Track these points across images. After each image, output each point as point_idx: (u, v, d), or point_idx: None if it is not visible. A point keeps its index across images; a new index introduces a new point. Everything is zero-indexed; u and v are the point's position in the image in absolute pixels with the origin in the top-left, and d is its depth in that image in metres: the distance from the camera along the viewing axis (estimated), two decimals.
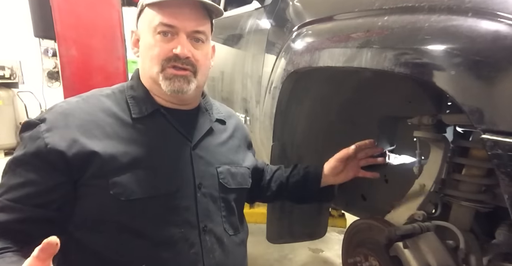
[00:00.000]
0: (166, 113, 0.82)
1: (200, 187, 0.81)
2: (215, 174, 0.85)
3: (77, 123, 0.74)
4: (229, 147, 0.93)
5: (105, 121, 0.76)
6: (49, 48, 5.49)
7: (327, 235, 1.79)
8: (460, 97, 0.62)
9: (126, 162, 0.74)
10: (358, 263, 1.03)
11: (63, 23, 2.34)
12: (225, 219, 0.86)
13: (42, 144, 0.70)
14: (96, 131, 0.74)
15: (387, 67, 0.76)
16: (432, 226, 0.89)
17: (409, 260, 0.85)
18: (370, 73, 1.02)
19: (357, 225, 1.11)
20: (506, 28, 0.57)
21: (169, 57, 0.77)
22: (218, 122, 0.94)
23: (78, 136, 0.72)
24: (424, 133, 0.95)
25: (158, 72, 0.78)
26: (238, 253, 0.90)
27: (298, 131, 1.31)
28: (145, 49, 0.80)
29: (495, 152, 0.57)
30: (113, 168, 0.72)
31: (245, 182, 0.94)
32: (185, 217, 0.79)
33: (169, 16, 0.76)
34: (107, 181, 0.72)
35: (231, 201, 0.89)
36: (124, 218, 0.73)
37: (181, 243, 0.77)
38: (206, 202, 0.82)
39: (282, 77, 1.20)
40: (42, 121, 0.74)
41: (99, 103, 0.80)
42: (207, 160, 0.85)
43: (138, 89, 0.84)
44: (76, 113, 0.75)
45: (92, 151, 0.71)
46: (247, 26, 1.63)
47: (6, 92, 5.99)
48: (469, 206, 0.88)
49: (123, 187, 0.72)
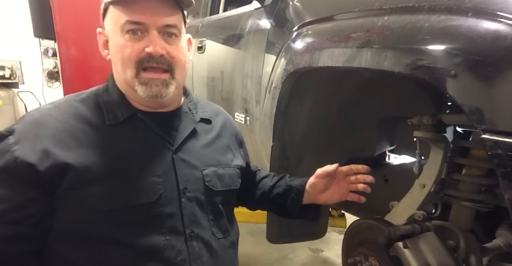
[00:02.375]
0: (144, 118, 0.77)
1: (185, 192, 0.78)
2: (200, 177, 0.81)
3: (48, 133, 0.68)
4: (216, 147, 0.89)
5: (79, 129, 0.71)
6: (49, 48, 5.50)
7: (327, 235, 1.79)
8: (460, 97, 0.62)
9: (103, 171, 0.69)
10: (358, 263, 1.03)
11: (63, 23, 2.34)
12: (212, 222, 0.83)
13: (11, 157, 0.66)
14: (69, 140, 0.69)
15: (387, 67, 0.76)
16: (432, 226, 0.89)
17: (409, 260, 0.85)
18: (370, 73, 1.02)
19: (357, 225, 1.11)
20: (506, 28, 0.57)
21: (142, 58, 0.72)
22: (203, 122, 0.89)
23: (50, 146, 0.67)
24: (424, 133, 0.95)
25: (132, 77, 0.73)
26: (228, 256, 0.87)
27: (298, 131, 1.31)
28: (115, 51, 0.74)
29: (495, 152, 0.57)
30: (89, 179, 0.68)
31: (233, 183, 0.90)
32: (170, 224, 0.75)
33: (136, 13, 0.70)
34: (83, 193, 0.67)
35: (218, 204, 0.85)
36: (105, 229, 0.70)
37: (167, 251, 0.74)
38: (191, 207, 0.78)
39: (282, 77, 1.20)
40: (10, 133, 0.69)
41: (72, 109, 0.74)
42: (191, 163, 0.80)
43: (113, 93, 0.78)
44: (47, 122, 0.70)
45: (66, 162, 0.67)
46: (247, 26, 1.63)
47: (6, 92, 5.99)
48: (469, 206, 0.88)
49: (101, 198, 0.68)
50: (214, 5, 2.33)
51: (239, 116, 1.69)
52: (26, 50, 5.76)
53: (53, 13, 2.32)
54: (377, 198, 1.42)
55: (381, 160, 1.57)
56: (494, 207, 0.89)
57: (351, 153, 1.42)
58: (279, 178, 1.04)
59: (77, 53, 2.41)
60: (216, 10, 2.30)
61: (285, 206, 0.99)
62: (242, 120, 1.66)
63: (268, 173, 1.09)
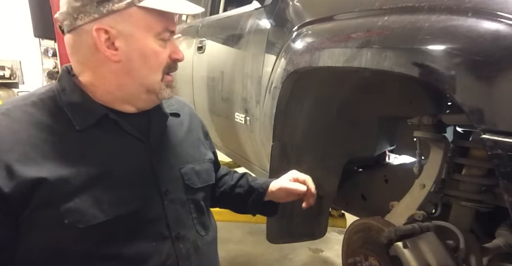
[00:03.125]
0: (117, 118, 0.71)
1: (167, 194, 0.75)
2: (179, 176, 0.79)
3: (6, 148, 0.59)
4: (190, 142, 0.86)
5: (40, 139, 0.63)
6: (49, 48, 5.50)
7: (327, 235, 1.78)
8: (460, 97, 0.62)
9: (78, 183, 0.62)
10: (358, 263, 1.03)
11: None
12: (196, 220, 0.82)
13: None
14: (32, 153, 0.61)
15: (387, 67, 0.76)
16: (432, 226, 0.89)
17: (409, 260, 0.85)
18: (370, 73, 1.02)
19: (357, 225, 1.11)
20: (506, 28, 0.57)
21: (169, 63, 0.72)
22: (173, 116, 0.84)
23: (11, 163, 0.58)
24: (424, 133, 0.95)
25: (159, 81, 0.72)
26: (212, 252, 0.87)
27: (298, 131, 1.31)
28: (142, 56, 0.69)
29: (495, 152, 0.57)
30: (63, 193, 0.61)
31: (210, 177, 0.88)
32: (155, 229, 0.72)
33: (171, 22, 0.71)
34: (58, 210, 0.60)
35: (200, 201, 0.84)
36: (86, 245, 0.64)
37: (155, 256, 0.71)
38: (174, 208, 0.76)
39: (282, 77, 1.20)
40: None
41: (26, 116, 0.64)
42: (168, 162, 0.77)
43: (74, 94, 0.68)
44: (1, 135, 0.60)
45: (34, 178, 0.59)
46: (247, 26, 1.63)
47: (6, 92, 5.99)
48: (469, 206, 0.89)
49: (79, 213, 0.62)
50: (214, 5, 2.33)
51: (239, 116, 1.69)
52: (26, 50, 5.77)
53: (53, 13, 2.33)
54: (377, 198, 1.42)
55: (381, 160, 1.57)
56: (494, 207, 0.89)
57: (351, 153, 1.42)
58: (240, 177, 1.02)
59: None
60: (216, 10, 2.30)
61: (245, 206, 0.99)
62: (242, 120, 1.66)
63: (228, 170, 1.06)
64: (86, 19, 0.65)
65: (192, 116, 0.92)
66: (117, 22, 0.66)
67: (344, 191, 1.53)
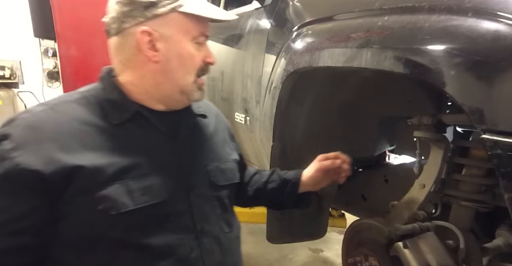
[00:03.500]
0: (149, 115, 0.76)
1: (193, 188, 0.79)
2: (205, 172, 0.83)
3: (50, 137, 0.65)
4: (215, 142, 0.90)
5: (82, 131, 0.69)
6: (49, 48, 5.49)
7: (327, 235, 1.78)
8: (460, 97, 0.62)
9: (112, 173, 0.67)
10: (358, 263, 1.03)
11: (63, 23, 2.34)
12: (220, 217, 0.84)
13: (11, 165, 0.62)
14: (73, 144, 0.66)
15: (387, 67, 0.76)
16: (432, 226, 0.89)
17: (409, 260, 0.85)
18: (370, 73, 1.02)
19: (357, 225, 1.11)
20: (506, 28, 0.57)
21: (202, 66, 0.78)
22: (200, 117, 0.89)
23: (54, 151, 0.64)
24: (424, 133, 0.95)
25: (192, 83, 0.77)
26: (235, 250, 0.89)
27: (298, 131, 1.31)
28: (179, 58, 0.74)
29: (495, 152, 0.57)
30: (99, 181, 0.66)
31: (234, 177, 0.92)
32: (181, 222, 0.76)
33: (207, 27, 0.77)
34: (93, 196, 0.65)
35: (224, 198, 0.86)
36: (116, 232, 0.68)
37: (180, 249, 0.74)
38: (200, 203, 0.79)
39: (282, 77, 1.20)
40: (5, 138, 0.64)
41: (71, 110, 0.71)
42: (195, 159, 0.82)
43: (112, 92, 0.75)
44: (46, 126, 0.67)
45: (73, 166, 0.64)
46: (247, 26, 1.63)
47: (6, 92, 5.99)
48: (469, 206, 0.89)
49: (112, 201, 0.66)
50: None
51: (239, 116, 1.69)
52: (26, 50, 5.76)
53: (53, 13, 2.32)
54: (377, 198, 1.42)
55: (381, 160, 1.57)
56: (494, 207, 0.89)
57: (351, 153, 1.42)
58: (270, 173, 1.06)
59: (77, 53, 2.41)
60: None
61: (280, 200, 1.03)
62: (242, 120, 1.67)
63: (257, 170, 1.10)
64: (132, 23, 0.71)
65: (218, 119, 0.98)
66: (160, 26, 0.72)
67: (344, 191, 1.53)
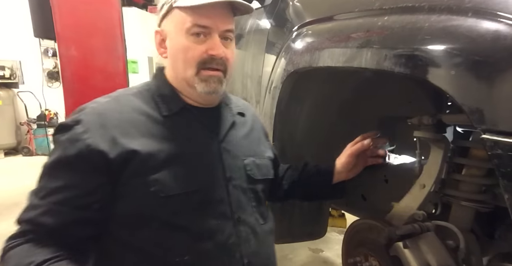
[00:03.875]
0: (193, 110, 0.85)
1: (230, 180, 0.84)
2: (242, 166, 0.88)
3: (114, 123, 0.75)
4: (252, 139, 0.96)
5: (139, 120, 0.78)
6: (49, 48, 5.50)
7: (327, 235, 1.79)
8: (460, 97, 0.62)
9: (162, 159, 0.75)
10: (358, 263, 1.03)
11: (63, 23, 2.34)
12: (255, 209, 0.89)
13: (83, 145, 0.71)
14: (132, 130, 0.76)
15: (387, 67, 0.76)
16: (432, 226, 0.89)
17: (409, 260, 0.85)
18: (370, 73, 1.02)
19: (357, 225, 1.11)
20: (506, 28, 0.57)
21: (204, 59, 0.78)
22: (239, 115, 0.96)
23: (117, 135, 0.73)
24: (424, 133, 0.95)
25: (193, 75, 0.80)
26: (269, 242, 0.93)
27: (298, 131, 1.31)
28: (177, 51, 0.80)
29: (495, 152, 0.57)
30: (151, 166, 0.74)
31: (269, 172, 0.97)
32: (220, 209, 0.81)
33: (203, 17, 0.77)
34: (147, 179, 0.73)
35: (259, 192, 0.91)
36: (164, 213, 0.75)
37: (219, 234, 0.80)
38: (237, 194, 0.85)
39: (282, 77, 1.20)
40: (77, 123, 0.74)
41: (130, 102, 0.81)
42: (233, 153, 0.87)
43: (164, 88, 0.85)
44: (109, 113, 0.76)
45: (132, 149, 0.73)
46: (247, 26, 1.63)
47: (6, 92, 6.00)
48: (469, 206, 0.88)
49: (162, 184, 0.74)
50: None
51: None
52: (26, 50, 5.77)
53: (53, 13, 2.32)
54: (377, 198, 1.42)
55: None
56: (494, 207, 0.89)
57: None
58: (303, 166, 1.10)
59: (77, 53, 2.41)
60: None
61: (315, 191, 1.08)
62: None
63: (289, 165, 1.14)
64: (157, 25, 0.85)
65: (254, 118, 1.04)
66: (165, 25, 0.83)
67: None
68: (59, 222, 0.71)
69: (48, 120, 6.11)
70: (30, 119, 6.25)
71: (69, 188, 0.72)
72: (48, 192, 0.72)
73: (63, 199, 0.71)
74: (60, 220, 0.71)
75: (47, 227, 0.70)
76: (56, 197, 0.71)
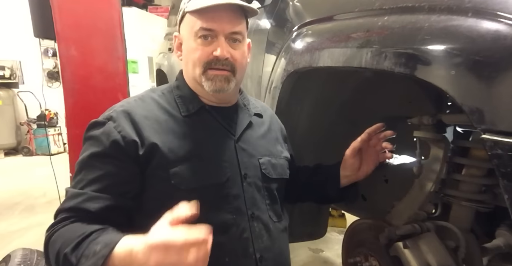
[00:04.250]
0: (211, 110, 0.89)
1: (246, 177, 0.88)
2: (257, 164, 0.91)
3: (140, 120, 0.81)
4: (268, 139, 0.98)
5: (161, 118, 0.84)
6: (49, 48, 5.51)
7: (327, 235, 1.79)
8: (460, 97, 0.62)
9: (182, 154, 0.81)
10: (358, 263, 1.03)
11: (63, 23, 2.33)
12: (269, 206, 0.92)
13: (118, 137, 0.77)
14: (155, 126, 0.82)
15: (387, 67, 0.76)
16: (432, 226, 0.89)
17: (409, 260, 0.85)
18: (370, 73, 1.02)
19: (357, 225, 1.11)
20: (506, 28, 0.57)
21: (210, 60, 0.83)
22: (256, 116, 0.99)
23: (143, 130, 0.80)
24: (424, 133, 0.95)
25: (200, 75, 0.85)
26: (282, 239, 0.95)
27: (298, 131, 1.31)
28: (188, 53, 0.87)
29: (495, 152, 0.57)
30: (172, 160, 0.79)
31: (284, 172, 0.98)
32: (236, 204, 0.85)
33: (208, 21, 0.82)
34: (168, 172, 0.78)
35: (273, 190, 0.94)
36: None
37: (234, 228, 0.83)
38: (252, 191, 0.88)
39: (282, 77, 1.20)
40: (110, 119, 0.81)
41: (154, 102, 0.88)
42: (249, 152, 0.91)
43: (184, 90, 0.91)
44: (136, 111, 0.83)
45: (155, 143, 0.79)
46: None
47: (6, 92, 5.99)
48: (469, 206, 0.89)
49: (182, 177, 0.79)
50: None
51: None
52: (26, 50, 5.77)
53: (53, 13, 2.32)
54: (377, 198, 1.42)
55: None
56: (494, 207, 0.89)
57: None
58: (313, 168, 1.10)
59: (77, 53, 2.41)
60: None
61: (326, 193, 1.06)
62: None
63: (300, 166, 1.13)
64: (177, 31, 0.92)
65: (272, 120, 1.07)
66: (181, 29, 0.90)
67: None
68: (101, 207, 0.74)
69: (48, 120, 6.11)
70: (30, 119, 6.25)
71: (107, 176, 0.77)
72: (87, 183, 0.76)
73: (103, 187, 0.76)
74: (102, 205, 0.75)
75: (89, 212, 0.74)
76: (96, 185, 0.76)
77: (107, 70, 2.47)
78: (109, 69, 2.48)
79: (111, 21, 2.45)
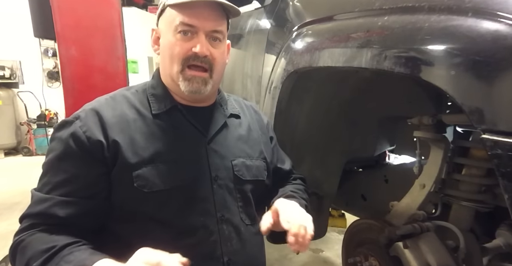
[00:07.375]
0: (183, 110, 0.86)
1: (216, 179, 0.85)
2: (230, 166, 0.88)
3: (108, 119, 0.79)
4: (245, 141, 0.95)
5: (130, 117, 0.82)
6: (49, 48, 5.50)
7: (327, 235, 1.79)
8: (460, 97, 0.62)
9: (147, 156, 0.78)
10: (358, 263, 1.03)
11: (63, 23, 2.33)
12: (241, 209, 0.89)
13: (84, 137, 0.75)
14: (122, 126, 0.80)
15: (387, 67, 0.76)
16: (432, 226, 0.89)
17: (409, 260, 0.85)
18: (370, 73, 1.02)
19: (357, 225, 1.11)
20: (506, 28, 0.57)
21: (188, 56, 0.80)
22: (233, 117, 0.96)
23: (109, 130, 0.78)
24: (424, 133, 0.95)
25: (178, 72, 0.82)
26: (255, 242, 0.92)
27: (298, 131, 1.31)
28: (166, 48, 0.83)
29: (495, 152, 0.57)
30: (136, 162, 0.77)
31: (260, 174, 0.95)
32: (204, 206, 0.83)
33: (190, 16, 0.79)
34: (131, 174, 0.76)
35: (247, 192, 0.91)
36: (149, 208, 0.78)
37: (202, 231, 0.81)
38: (222, 193, 0.86)
39: (282, 77, 1.20)
40: (77, 118, 0.79)
41: (125, 100, 0.85)
42: (221, 153, 0.88)
43: (158, 88, 0.88)
44: (104, 110, 0.80)
45: (120, 144, 0.77)
46: (247, 26, 1.63)
47: (6, 92, 5.99)
48: (469, 206, 0.89)
49: (145, 180, 0.77)
50: None
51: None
52: (26, 50, 5.76)
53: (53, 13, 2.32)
54: (377, 198, 1.42)
55: (381, 160, 1.57)
56: (494, 207, 0.89)
57: (351, 153, 1.42)
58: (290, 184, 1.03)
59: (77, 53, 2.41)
60: None
61: None
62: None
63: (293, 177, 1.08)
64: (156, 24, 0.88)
65: (254, 121, 1.03)
66: (160, 23, 0.86)
67: (344, 191, 1.53)
68: (69, 213, 0.73)
69: (48, 120, 6.10)
70: (30, 119, 6.24)
71: (74, 179, 0.74)
72: (53, 186, 0.74)
73: (69, 191, 0.74)
74: (70, 211, 0.73)
75: (58, 218, 0.72)
76: (62, 189, 0.74)
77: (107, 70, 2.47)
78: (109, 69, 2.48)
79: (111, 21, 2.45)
